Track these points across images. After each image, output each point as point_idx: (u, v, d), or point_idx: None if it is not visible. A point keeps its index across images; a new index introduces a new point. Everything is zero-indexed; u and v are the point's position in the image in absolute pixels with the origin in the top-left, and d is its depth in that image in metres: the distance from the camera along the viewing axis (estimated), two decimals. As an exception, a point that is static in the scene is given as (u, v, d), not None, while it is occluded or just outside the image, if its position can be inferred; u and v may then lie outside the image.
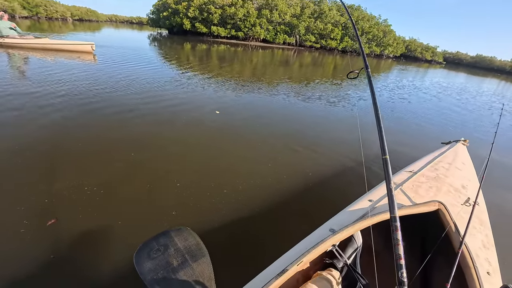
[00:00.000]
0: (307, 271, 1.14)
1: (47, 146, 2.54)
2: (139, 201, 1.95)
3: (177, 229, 0.97)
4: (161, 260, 0.83)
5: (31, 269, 1.35)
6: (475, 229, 1.24)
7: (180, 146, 2.87)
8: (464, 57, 53.64)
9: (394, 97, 7.47)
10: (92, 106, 3.74)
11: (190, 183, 2.20)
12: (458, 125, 5.32)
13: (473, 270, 0.97)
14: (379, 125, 1.00)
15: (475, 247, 1.11)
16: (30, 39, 8.30)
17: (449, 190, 1.47)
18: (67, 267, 1.39)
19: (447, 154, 2.06)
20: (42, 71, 5.39)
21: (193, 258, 0.87)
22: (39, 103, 3.61)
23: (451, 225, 1.16)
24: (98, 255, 1.48)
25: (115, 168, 2.30)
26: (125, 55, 9.22)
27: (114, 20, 60.88)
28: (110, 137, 2.87)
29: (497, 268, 1.09)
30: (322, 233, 1.07)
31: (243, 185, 2.27)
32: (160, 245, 0.88)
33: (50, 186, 1.97)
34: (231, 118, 4.00)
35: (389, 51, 35.06)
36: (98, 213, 1.78)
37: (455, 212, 1.24)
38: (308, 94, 6.25)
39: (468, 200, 1.40)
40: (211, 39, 25.47)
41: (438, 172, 1.69)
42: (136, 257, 0.83)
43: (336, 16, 29.88)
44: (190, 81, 6.08)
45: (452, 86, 12.60)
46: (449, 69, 30.30)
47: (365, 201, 1.32)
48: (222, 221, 1.82)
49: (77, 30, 20.27)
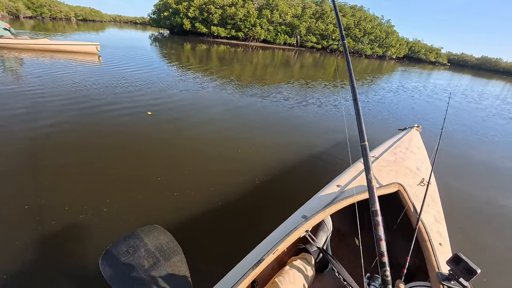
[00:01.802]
0: (282, 258, 1.18)
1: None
2: (104, 201, 1.84)
3: (146, 228, 0.93)
4: (131, 262, 0.78)
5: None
6: (429, 206, 1.33)
7: (148, 145, 2.73)
8: (469, 58, 52.86)
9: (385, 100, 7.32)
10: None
11: (161, 180, 2.15)
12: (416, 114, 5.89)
13: (428, 243, 1.05)
14: (356, 106, 1.04)
15: (429, 222, 1.21)
16: (25, 40, 7.94)
17: (406, 172, 1.60)
18: (23, 282, 1.27)
19: (403, 139, 2.23)
20: (44, 73, 5.13)
21: (166, 257, 0.83)
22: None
23: (409, 204, 1.25)
24: (59, 263, 1.38)
25: (79, 170, 2.18)
26: (129, 56, 8.89)
27: (118, 20, 61.46)
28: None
29: (447, 239, 1.20)
30: (295, 220, 1.09)
31: (214, 178, 2.27)
32: (129, 246, 0.83)
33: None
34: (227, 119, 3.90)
35: (392, 52, 34.62)
36: (57, 217, 1.65)
37: (412, 192, 1.35)
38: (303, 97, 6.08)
39: (423, 181, 1.54)
40: (211, 39, 25.42)
41: (396, 156, 1.83)
42: (102, 262, 0.78)
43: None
44: (186, 83, 5.95)
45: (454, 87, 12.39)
46: (453, 71, 29.76)
47: (333, 187, 1.38)
48: (194, 216, 1.79)
49: (81, 30, 20.43)
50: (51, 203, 1.77)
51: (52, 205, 1.75)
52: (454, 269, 0.83)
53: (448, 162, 3.35)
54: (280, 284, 0.93)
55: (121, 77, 5.59)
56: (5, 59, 6.26)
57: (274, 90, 6.19)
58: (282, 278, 0.96)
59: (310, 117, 4.48)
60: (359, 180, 1.42)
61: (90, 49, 8.33)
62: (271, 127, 3.80)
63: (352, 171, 1.54)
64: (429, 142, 2.48)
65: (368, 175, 0.93)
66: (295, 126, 3.99)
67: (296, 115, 4.51)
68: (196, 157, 2.62)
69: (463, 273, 0.81)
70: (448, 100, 2.85)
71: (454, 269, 0.83)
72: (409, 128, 2.60)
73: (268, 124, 3.89)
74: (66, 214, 1.69)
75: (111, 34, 20.34)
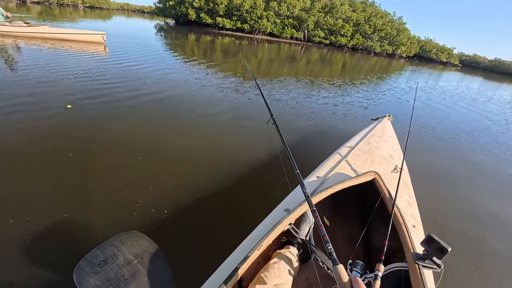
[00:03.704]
0: (266, 252, 1.18)
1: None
2: (74, 207, 1.70)
3: (123, 234, 0.87)
4: (109, 273, 0.73)
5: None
6: (402, 191, 1.40)
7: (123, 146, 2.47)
8: (481, 60, 51.19)
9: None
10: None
11: (140, 178, 2.06)
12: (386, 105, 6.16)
13: (403, 226, 1.11)
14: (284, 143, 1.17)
15: (403, 206, 1.27)
16: (22, 26, 7.30)
17: (380, 160, 1.67)
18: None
19: (376, 128, 2.33)
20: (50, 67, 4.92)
21: (147, 264, 0.79)
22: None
23: (385, 191, 1.31)
24: (29, 277, 1.25)
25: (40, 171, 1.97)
26: (136, 46, 8.51)
27: (126, 8, 60.49)
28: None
29: (419, 221, 1.27)
30: (278, 214, 1.11)
31: (194, 175, 2.20)
32: (106, 256, 0.77)
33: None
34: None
35: (402, 50, 33.55)
36: (23, 224, 1.50)
37: (387, 179, 1.42)
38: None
39: (396, 168, 1.60)
40: (216, 31, 24.81)
41: (371, 145, 1.90)
42: (77, 275, 0.71)
43: (348, 12, 28.60)
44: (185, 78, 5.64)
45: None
46: (464, 73, 28.79)
47: (313, 178, 1.40)
48: (174, 218, 1.71)
49: (88, 17, 20.11)
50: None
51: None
52: (427, 249, 0.89)
53: (416, 148, 3.66)
54: (265, 279, 0.93)
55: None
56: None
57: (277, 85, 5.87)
58: (267, 272, 0.96)
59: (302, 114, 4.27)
60: (337, 169, 1.48)
61: (96, 38, 7.77)
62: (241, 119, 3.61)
63: (330, 162, 1.59)
64: (397, 130, 2.69)
65: (304, 190, 0.95)
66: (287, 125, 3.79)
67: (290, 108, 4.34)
68: (176, 156, 2.46)
69: (436, 252, 0.87)
70: (415, 90, 3.72)
71: (427, 249, 0.89)
72: (381, 118, 2.73)
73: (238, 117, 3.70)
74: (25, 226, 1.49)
75: (118, 22, 19.99)
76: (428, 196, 2.45)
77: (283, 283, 0.94)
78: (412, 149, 3.26)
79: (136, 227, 1.57)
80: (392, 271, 1.07)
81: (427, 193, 2.47)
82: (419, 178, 2.56)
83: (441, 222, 2.15)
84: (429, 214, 2.18)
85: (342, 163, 1.57)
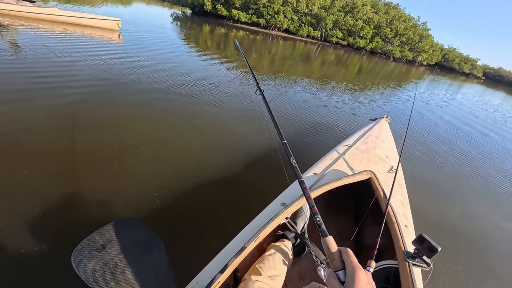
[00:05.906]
0: (261, 244, 1.21)
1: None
2: (77, 192, 1.71)
3: (122, 220, 0.88)
4: (106, 258, 0.73)
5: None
6: (396, 191, 1.45)
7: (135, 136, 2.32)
8: (506, 74, 48.68)
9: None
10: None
11: (139, 168, 2.04)
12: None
13: (396, 225, 1.15)
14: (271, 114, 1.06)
15: (396, 206, 1.32)
16: (28, 6, 6.66)
17: (376, 160, 1.71)
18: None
19: (374, 128, 2.37)
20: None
21: (145, 250, 0.80)
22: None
23: (380, 191, 1.35)
24: (27, 259, 1.29)
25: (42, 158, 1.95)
26: (152, 35, 8.06)
27: (145, -6, 60.54)
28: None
29: (411, 221, 1.32)
30: (275, 208, 1.12)
31: (194, 167, 2.19)
32: (105, 241, 0.77)
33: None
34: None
35: (423, 58, 32.06)
36: (22, 207, 1.52)
37: (382, 179, 1.45)
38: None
39: (391, 168, 1.64)
40: (231, 23, 24.25)
41: (368, 145, 1.93)
42: (75, 258, 0.71)
43: (369, 13, 27.42)
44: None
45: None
46: (487, 86, 27.30)
47: (311, 174, 1.43)
48: (173, 207, 1.74)
49: (109, 2, 19.81)
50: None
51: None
52: (418, 248, 0.92)
53: (411, 150, 3.77)
54: (260, 270, 0.95)
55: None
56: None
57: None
58: (262, 264, 0.98)
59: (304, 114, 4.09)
60: (334, 167, 1.50)
61: (110, 25, 7.25)
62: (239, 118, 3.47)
63: (327, 159, 1.60)
64: (394, 131, 2.70)
65: (300, 181, 0.87)
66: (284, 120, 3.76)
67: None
68: (180, 145, 2.52)
69: (426, 251, 0.90)
70: (414, 95, 4.25)
71: (418, 248, 0.92)
72: (379, 119, 2.76)
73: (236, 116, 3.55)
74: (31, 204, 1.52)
75: (138, 9, 19.71)
76: (420, 198, 2.57)
77: (277, 275, 0.96)
78: (409, 152, 3.54)
79: (134, 215, 1.62)
80: (383, 268, 1.10)
81: (419, 195, 2.60)
82: (412, 180, 2.79)
83: (432, 223, 2.25)
84: (420, 215, 2.28)
85: (339, 160, 1.59)
